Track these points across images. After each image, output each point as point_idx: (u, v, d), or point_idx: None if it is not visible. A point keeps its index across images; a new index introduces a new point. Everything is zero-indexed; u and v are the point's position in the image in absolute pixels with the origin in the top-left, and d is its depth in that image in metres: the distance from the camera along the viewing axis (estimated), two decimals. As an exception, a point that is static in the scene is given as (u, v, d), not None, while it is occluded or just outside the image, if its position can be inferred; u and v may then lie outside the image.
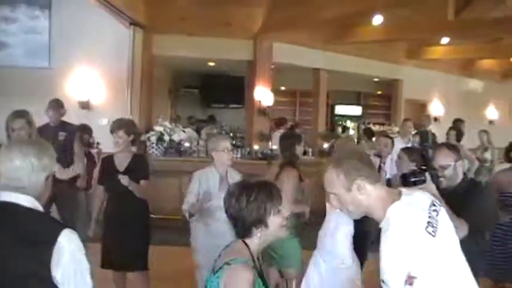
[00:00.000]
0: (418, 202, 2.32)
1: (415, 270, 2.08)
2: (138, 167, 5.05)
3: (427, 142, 9.87)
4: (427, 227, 2.18)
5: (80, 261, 2.20)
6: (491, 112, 17.62)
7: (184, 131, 10.06)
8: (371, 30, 11.08)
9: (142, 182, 4.97)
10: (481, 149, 10.54)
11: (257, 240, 2.54)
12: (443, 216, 2.32)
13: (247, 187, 2.58)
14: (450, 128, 9.40)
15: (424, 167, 3.50)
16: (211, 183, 4.74)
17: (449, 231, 2.31)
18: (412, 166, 4.27)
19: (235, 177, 4.71)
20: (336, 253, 4.64)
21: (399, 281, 2.08)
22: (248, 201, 2.52)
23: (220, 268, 2.42)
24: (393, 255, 2.14)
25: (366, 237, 5.06)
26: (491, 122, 16.96)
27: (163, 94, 13.29)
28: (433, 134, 10.51)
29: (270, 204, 2.54)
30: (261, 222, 2.51)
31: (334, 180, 2.40)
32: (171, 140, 9.70)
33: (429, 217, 2.22)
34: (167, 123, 10.07)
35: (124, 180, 4.76)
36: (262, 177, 3.00)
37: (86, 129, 7.45)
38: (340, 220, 4.59)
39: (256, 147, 10.53)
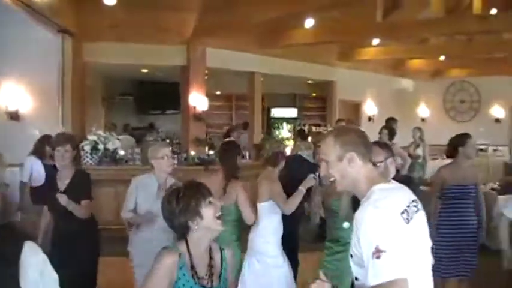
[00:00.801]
0: (401, 191, 2.39)
1: (384, 244, 2.14)
2: (80, 185, 4.79)
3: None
4: (403, 212, 2.22)
5: (47, 274, 2.27)
6: (423, 110, 18.14)
7: (118, 139, 9.88)
8: (303, 33, 11.19)
9: (83, 202, 4.70)
10: (413, 146, 10.79)
11: (196, 233, 2.67)
12: (422, 217, 2.35)
13: (175, 189, 2.74)
14: (382, 127, 9.57)
15: None
16: (149, 190, 4.68)
17: (422, 232, 2.33)
18: None
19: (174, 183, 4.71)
20: (268, 253, 4.85)
21: (368, 252, 2.18)
22: (178, 199, 2.66)
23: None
24: (365, 227, 2.22)
25: (293, 238, 5.35)
26: (423, 120, 17.45)
27: (96, 102, 13.03)
28: None
29: (199, 195, 2.69)
30: (194, 214, 2.65)
31: (330, 147, 2.46)
32: (105, 149, 9.50)
33: (407, 206, 2.26)
34: (101, 132, 9.88)
35: (62, 199, 4.50)
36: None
37: (47, 141, 6.97)
38: (267, 215, 4.85)
39: (192, 152, 10.47)
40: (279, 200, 4.91)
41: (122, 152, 9.74)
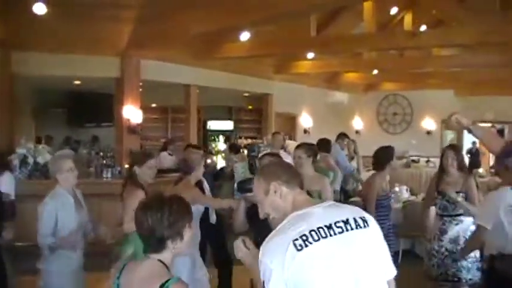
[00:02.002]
0: (311, 215, 2.26)
1: (269, 283, 2.14)
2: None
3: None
4: (296, 239, 2.14)
5: None
6: (357, 122, 18.47)
7: (49, 153, 9.60)
8: (239, 46, 11.22)
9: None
10: (347, 158, 10.95)
11: (170, 254, 2.57)
12: (353, 234, 2.24)
13: (164, 201, 2.60)
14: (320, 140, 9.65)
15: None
16: (68, 207, 4.52)
17: (328, 259, 2.16)
18: None
19: (80, 195, 4.72)
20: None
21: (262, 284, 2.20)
22: (169, 215, 2.53)
23: None
24: (260, 258, 2.22)
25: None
26: (357, 132, 17.76)
27: (26, 114, 12.63)
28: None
29: (187, 215, 2.62)
30: (178, 235, 2.55)
31: (256, 185, 2.48)
32: (35, 163, 9.22)
33: (311, 231, 2.16)
34: (31, 145, 9.59)
35: None
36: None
37: None
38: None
39: (126, 166, 10.26)
40: (204, 199, 4.96)
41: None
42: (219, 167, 13.03)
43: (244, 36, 10.79)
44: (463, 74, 14.97)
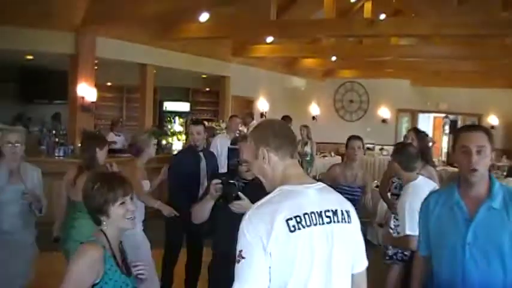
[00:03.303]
0: (302, 197, 2.19)
1: (245, 252, 2.06)
2: None
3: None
4: (290, 219, 2.09)
5: None
6: (314, 108, 18.55)
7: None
8: (197, 27, 11.09)
9: None
10: (301, 143, 11.04)
11: (106, 228, 2.73)
12: (338, 227, 2.22)
13: (96, 177, 2.81)
14: None
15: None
16: None
17: (314, 246, 2.14)
18: None
19: (30, 172, 4.66)
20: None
21: (237, 254, 2.09)
22: (91, 190, 2.72)
23: None
24: (240, 228, 2.12)
25: None
26: (314, 118, 17.86)
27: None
28: None
29: (111, 194, 2.70)
30: (102, 211, 2.71)
31: (247, 146, 2.48)
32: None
33: (304, 214, 2.12)
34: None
35: None
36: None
37: None
38: None
39: (79, 144, 10.04)
40: (136, 191, 4.93)
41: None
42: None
43: (204, 17, 10.66)
44: (420, 64, 15.16)
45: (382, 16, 12.30)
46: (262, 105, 15.90)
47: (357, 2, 14.26)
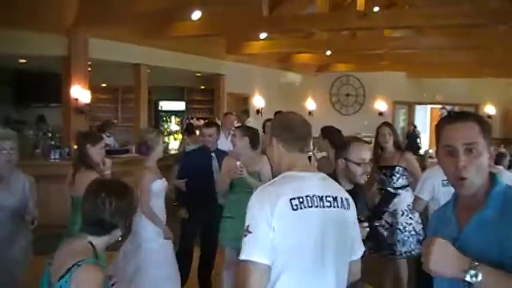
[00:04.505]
0: (307, 180, 2.40)
1: (252, 226, 2.24)
2: None
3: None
4: (293, 198, 2.28)
5: None
6: (310, 103, 18.53)
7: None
8: (190, 25, 11.03)
9: None
10: None
11: (107, 239, 2.62)
12: (337, 212, 2.39)
13: (126, 190, 2.68)
14: (266, 120, 9.69)
15: None
16: None
17: (312, 227, 2.32)
18: None
19: (22, 181, 4.59)
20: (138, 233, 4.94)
21: (244, 229, 2.26)
22: (128, 205, 2.62)
23: (69, 270, 2.38)
24: (248, 207, 2.32)
25: None
26: (310, 113, 17.82)
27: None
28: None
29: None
30: (125, 223, 2.64)
31: (268, 131, 2.62)
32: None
33: (306, 196, 2.31)
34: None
35: None
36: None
37: None
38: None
39: (75, 147, 10.00)
40: (141, 197, 4.89)
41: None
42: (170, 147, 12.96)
43: (196, 15, 10.62)
44: (415, 56, 15.12)
45: (376, 9, 12.26)
46: (258, 101, 15.87)
47: (350, -4, 14.23)
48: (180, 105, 16.26)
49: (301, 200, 2.29)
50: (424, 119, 20.57)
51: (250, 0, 11.02)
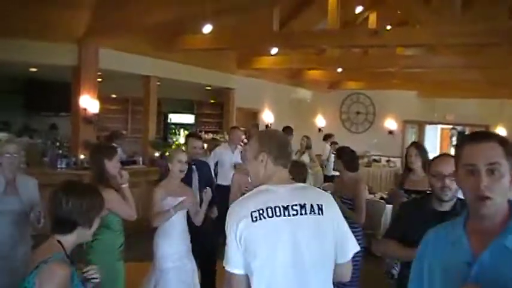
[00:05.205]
0: (274, 193, 2.59)
1: (227, 239, 2.54)
2: None
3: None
4: (254, 211, 2.50)
5: None
6: (320, 120, 18.47)
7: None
8: (201, 39, 11.05)
9: None
10: (299, 153, 11.09)
11: (74, 238, 2.75)
12: (307, 219, 2.55)
13: (86, 189, 2.87)
14: (253, 125, 9.73)
15: None
16: None
17: (277, 235, 2.52)
18: None
19: (26, 182, 4.64)
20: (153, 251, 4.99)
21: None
22: (88, 202, 2.75)
23: (37, 267, 2.52)
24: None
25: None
26: (320, 130, 17.76)
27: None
28: None
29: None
30: (88, 222, 2.76)
31: (251, 145, 2.80)
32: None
33: (268, 207, 2.51)
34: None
35: None
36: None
37: None
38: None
39: (82, 156, 10.02)
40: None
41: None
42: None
43: (207, 28, 10.64)
44: (427, 75, 15.04)
45: (388, 27, 12.22)
46: (267, 117, 15.84)
47: (362, 13, 14.21)
48: (190, 119, 16.28)
49: (261, 211, 2.50)
50: (434, 138, 20.41)
51: (261, 15, 11.02)
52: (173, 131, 16.05)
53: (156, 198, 4.94)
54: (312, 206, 2.58)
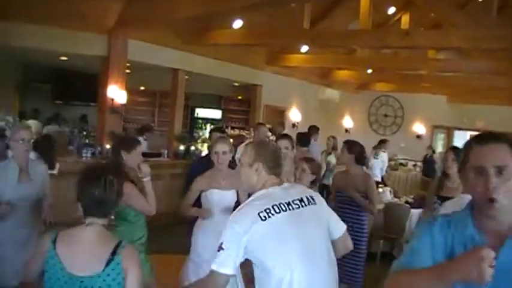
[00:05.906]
0: (273, 194, 2.86)
1: (226, 243, 2.67)
2: None
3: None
4: (261, 211, 2.70)
5: None
6: (347, 121, 18.35)
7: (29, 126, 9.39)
8: (230, 34, 11.02)
9: None
10: (325, 153, 11.01)
11: (106, 222, 2.73)
12: (308, 209, 2.86)
13: (117, 171, 3.01)
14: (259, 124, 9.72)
15: None
16: (10, 176, 4.36)
17: (287, 228, 2.74)
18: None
19: (38, 167, 4.65)
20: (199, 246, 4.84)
21: (219, 246, 2.69)
22: (118, 184, 2.74)
23: (115, 253, 2.57)
24: (227, 225, 2.76)
25: None
26: (347, 131, 17.66)
27: (9, 87, 12.39)
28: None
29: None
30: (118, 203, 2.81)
31: (247, 152, 2.99)
32: (13, 136, 9.00)
33: (273, 205, 2.74)
34: (10, 118, 9.36)
35: None
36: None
37: None
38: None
39: (107, 146, 10.07)
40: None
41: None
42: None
43: (237, 24, 10.61)
44: (457, 79, 14.82)
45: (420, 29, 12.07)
46: (294, 115, 15.76)
47: (394, 15, 14.06)
48: (217, 114, 16.28)
49: (268, 210, 2.72)
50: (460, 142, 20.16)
51: (292, 13, 10.96)
52: (200, 125, 16.07)
53: (194, 187, 4.80)
54: (307, 198, 2.91)
